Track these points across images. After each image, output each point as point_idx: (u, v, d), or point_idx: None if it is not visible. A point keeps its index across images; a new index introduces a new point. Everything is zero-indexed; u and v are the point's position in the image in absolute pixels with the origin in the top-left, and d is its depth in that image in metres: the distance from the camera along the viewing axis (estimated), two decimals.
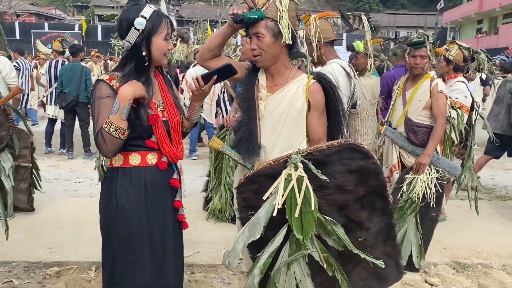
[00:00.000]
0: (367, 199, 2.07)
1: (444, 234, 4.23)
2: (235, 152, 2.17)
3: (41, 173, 5.94)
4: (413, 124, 3.48)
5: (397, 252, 2.23)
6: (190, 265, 3.47)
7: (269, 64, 2.14)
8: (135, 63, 1.95)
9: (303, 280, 2.02)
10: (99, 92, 1.92)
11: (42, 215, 4.45)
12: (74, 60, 7.30)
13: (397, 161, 3.59)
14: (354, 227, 2.08)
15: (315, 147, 1.98)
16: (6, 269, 3.34)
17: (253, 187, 2.01)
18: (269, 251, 1.99)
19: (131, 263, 1.98)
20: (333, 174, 1.97)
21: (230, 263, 1.99)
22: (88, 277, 3.26)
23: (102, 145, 1.85)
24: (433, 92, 3.41)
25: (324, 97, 2.16)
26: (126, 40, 1.94)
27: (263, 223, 1.93)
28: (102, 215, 2.01)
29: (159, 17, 1.95)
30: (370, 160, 2.00)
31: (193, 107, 2.13)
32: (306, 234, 1.92)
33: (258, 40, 2.06)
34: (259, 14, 2.03)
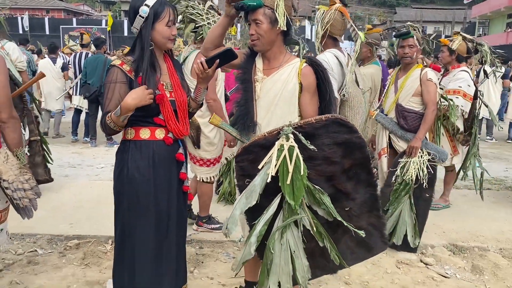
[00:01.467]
0: (352, 171, 2.22)
1: (445, 219, 4.37)
2: (233, 129, 2.39)
3: (66, 159, 6.37)
4: (403, 110, 3.67)
5: (381, 223, 2.38)
6: (199, 241, 3.73)
7: (265, 49, 2.32)
8: (141, 48, 2.19)
9: (297, 251, 2.16)
10: (110, 77, 2.19)
11: (64, 195, 4.78)
12: (98, 52, 7.66)
13: (386, 145, 3.78)
14: (341, 197, 2.23)
15: (305, 120, 2.15)
16: (31, 241, 3.66)
17: (249, 157, 2.19)
18: (265, 218, 2.13)
19: (137, 225, 2.23)
20: (321, 146, 2.12)
21: (229, 230, 2.15)
22: (104, 249, 3.55)
23: (102, 128, 2.21)
24: (422, 80, 3.60)
25: (315, 79, 2.32)
26: (134, 27, 2.20)
27: (259, 190, 2.11)
28: (115, 182, 2.28)
29: (161, 5, 2.18)
30: (355, 134, 2.16)
31: (198, 89, 2.35)
32: (297, 199, 2.08)
33: (256, 26, 2.25)
34: (258, 2, 2.22)
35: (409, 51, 3.64)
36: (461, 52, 4.41)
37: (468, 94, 4.31)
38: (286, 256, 2.14)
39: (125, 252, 2.29)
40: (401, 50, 3.68)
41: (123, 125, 2.15)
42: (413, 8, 49.97)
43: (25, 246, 3.56)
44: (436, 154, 3.61)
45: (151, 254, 2.27)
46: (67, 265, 3.28)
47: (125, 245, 2.28)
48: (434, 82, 3.59)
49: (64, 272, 3.17)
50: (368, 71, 4.57)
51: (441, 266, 3.49)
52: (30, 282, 3.00)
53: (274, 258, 2.13)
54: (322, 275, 2.43)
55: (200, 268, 3.30)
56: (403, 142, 3.68)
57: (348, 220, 2.26)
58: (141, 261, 2.26)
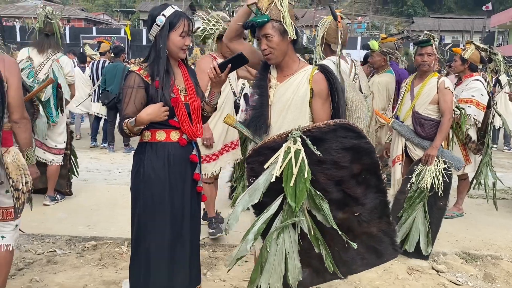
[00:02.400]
0: (362, 176, 2.24)
1: (458, 227, 4.37)
2: (246, 129, 2.46)
3: (84, 164, 6.52)
4: (420, 117, 3.69)
5: (392, 229, 2.40)
6: (212, 244, 3.80)
7: (279, 60, 2.39)
8: (156, 54, 2.31)
9: (291, 252, 2.19)
10: (128, 82, 2.31)
11: (82, 198, 4.91)
12: (116, 60, 7.85)
13: (401, 152, 3.80)
14: (350, 201, 2.26)
15: (313, 125, 2.19)
16: (50, 241, 3.78)
17: (259, 159, 2.24)
18: (264, 217, 2.17)
19: (153, 224, 2.32)
20: (329, 151, 2.15)
21: (229, 225, 2.19)
22: (121, 251, 3.65)
23: (119, 131, 2.33)
24: (440, 88, 3.62)
25: (327, 86, 2.38)
26: (150, 34, 2.32)
27: (262, 189, 2.15)
28: (132, 182, 2.39)
29: (177, 16, 2.30)
30: (363, 140, 2.18)
31: (212, 93, 2.46)
32: (298, 202, 2.10)
33: (267, 40, 2.32)
34: (265, 17, 2.29)
35: (427, 59, 3.66)
36: (474, 61, 4.43)
37: (481, 103, 4.32)
38: (280, 256, 2.18)
39: (140, 251, 2.38)
40: (419, 57, 3.70)
41: (136, 133, 2.29)
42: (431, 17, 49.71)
43: (45, 246, 3.67)
44: (452, 162, 3.63)
45: (166, 253, 2.35)
46: (84, 265, 3.38)
47: (141, 245, 2.37)
48: (451, 91, 3.62)
49: (82, 272, 3.27)
50: (383, 80, 4.61)
51: (452, 274, 3.49)
52: (49, 280, 3.11)
53: (269, 257, 2.17)
54: (332, 279, 2.45)
55: (213, 270, 3.37)
56: (420, 149, 3.69)
57: (358, 225, 2.29)
58: (155, 261, 2.35)
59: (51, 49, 4.44)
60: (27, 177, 2.48)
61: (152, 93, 2.28)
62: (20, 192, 2.42)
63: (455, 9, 59.38)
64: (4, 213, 2.47)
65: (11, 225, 2.52)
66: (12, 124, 2.48)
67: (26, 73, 4.27)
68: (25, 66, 4.30)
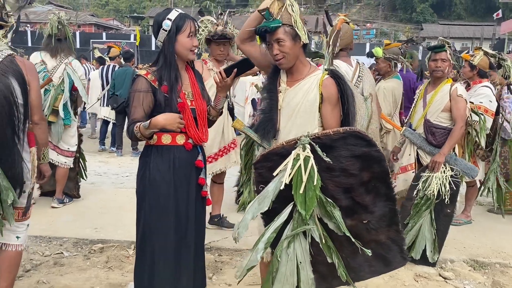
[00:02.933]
0: (371, 184, 2.21)
1: (466, 234, 4.33)
2: (255, 133, 2.47)
3: (92, 168, 6.56)
4: (431, 126, 3.65)
5: (400, 237, 2.36)
6: (218, 249, 3.80)
7: (291, 65, 2.37)
8: (165, 58, 2.33)
9: (303, 262, 2.16)
10: (136, 86, 2.34)
11: (90, 201, 4.93)
12: (126, 65, 7.92)
13: (414, 161, 3.76)
14: (359, 209, 2.23)
15: (323, 132, 2.18)
16: (58, 243, 3.80)
17: (268, 164, 2.23)
18: (274, 226, 2.14)
19: (157, 227, 2.34)
20: (338, 158, 2.13)
21: (239, 234, 2.17)
22: (127, 254, 3.66)
23: (128, 135, 2.35)
24: (452, 95, 3.57)
25: (337, 91, 2.34)
26: (158, 40, 2.34)
27: (271, 196, 2.14)
28: (138, 184, 2.41)
29: (182, 18, 2.33)
30: (373, 148, 2.16)
31: (218, 98, 2.47)
32: (308, 209, 2.08)
33: (279, 45, 2.29)
34: (277, 22, 2.27)
35: (441, 65, 3.63)
36: (483, 67, 4.40)
37: (489, 110, 4.30)
38: (292, 266, 2.15)
39: (145, 254, 2.39)
40: (433, 63, 3.66)
41: (148, 137, 2.30)
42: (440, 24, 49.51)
43: (52, 248, 3.70)
44: (466, 171, 3.58)
45: (170, 256, 2.36)
46: (91, 268, 3.40)
47: (146, 247, 2.38)
48: (464, 98, 3.57)
49: (88, 274, 3.29)
50: (389, 85, 4.61)
51: (460, 281, 3.46)
52: (56, 282, 3.13)
53: (280, 267, 2.14)
54: (338, 285, 2.42)
55: (219, 274, 3.37)
56: (431, 157, 3.63)
57: (367, 233, 2.26)
58: (160, 263, 2.36)
59: (63, 53, 4.50)
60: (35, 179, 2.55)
61: (159, 98, 2.30)
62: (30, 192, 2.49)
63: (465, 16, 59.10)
64: (20, 213, 2.52)
65: (24, 225, 2.57)
66: (33, 125, 2.55)
67: (41, 76, 4.33)
68: (40, 70, 4.37)
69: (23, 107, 2.40)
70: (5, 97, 2.29)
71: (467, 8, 60.23)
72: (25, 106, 2.41)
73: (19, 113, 2.36)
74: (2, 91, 2.29)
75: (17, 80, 2.36)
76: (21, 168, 2.37)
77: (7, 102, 2.29)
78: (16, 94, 2.34)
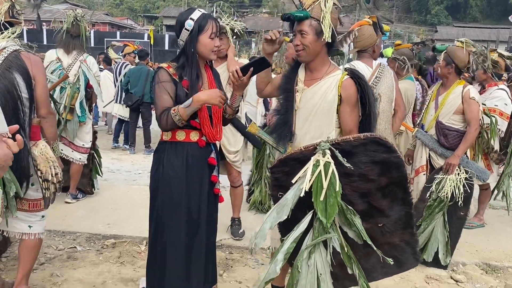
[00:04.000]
0: (388, 189, 2.16)
1: (478, 238, 4.29)
2: (270, 137, 2.47)
3: (106, 165, 6.62)
4: (443, 127, 3.62)
5: (414, 240, 2.34)
6: (229, 246, 3.82)
7: (310, 60, 2.35)
8: (186, 58, 2.35)
9: (323, 274, 2.11)
10: (160, 77, 2.36)
11: (103, 197, 4.99)
12: (140, 64, 7.99)
13: (425, 162, 3.73)
14: (375, 213, 2.20)
15: (343, 138, 2.12)
16: (71, 238, 3.85)
17: (285, 169, 2.20)
18: (294, 236, 2.10)
19: (170, 223, 2.36)
20: (358, 164, 2.09)
21: (256, 244, 2.08)
22: (139, 250, 3.70)
23: (163, 123, 2.29)
24: (464, 98, 3.53)
25: (356, 92, 2.31)
26: (180, 39, 2.36)
27: (291, 205, 2.09)
28: (151, 179, 2.44)
29: (205, 19, 2.34)
30: (394, 154, 2.10)
31: (234, 96, 2.48)
32: (330, 217, 2.04)
33: (302, 37, 2.28)
34: (304, 13, 2.26)
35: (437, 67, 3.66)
36: (497, 70, 4.36)
37: (504, 113, 4.26)
38: (312, 278, 2.10)
39: (157, 249, 2.42)
40: (437, 65, 3.69)
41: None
42: (455, 26, 49.02)
43: (66, 243, 3.75)
44: (477, 174, 3.55)
45: (181, 252, 2.38)
46: (103, 262, 3.44)
47: (157, 243, 2.41)
48: (476, 101, 3.52)
49: (101, 268, 3.33)
50: (401, 86, 4.57)
51: (472, 284, 3.43)
52: (69, 275, 3.17)
53: (300, 280, 2.09)
54: (351, 286, 2.41)
55: (229, 272, 3.39)
56: (443, 160, 3.61)
57: (381, 235, 2.24)
58: (171, 259, 2.38)
59: (76, 50, 4.55)
60: (57, 169, 2.60)
61: (179, 92, 2.32)
62: (50, 183, 2.53)
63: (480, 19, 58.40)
64: (30, 204, 2.60)
65: (37, 215, 2.64)
66: (40, 119, 2.60)
67: (57, 74, 4.40)
68: (56, 68, 4.43)
69: (28, 101, 2.46)
70: (9, 91, 2.36)
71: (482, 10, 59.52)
72: (30, 100, 2.47)
73: (24, 107, 2.42)
74: (6, 86, 2.36)
75: (22, 75, 2.42)
76: (27, 161, 2.44)
77: (11, 97, 2.36)
78: (21, 89, 2.40)
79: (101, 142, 8.64)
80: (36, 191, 2.58)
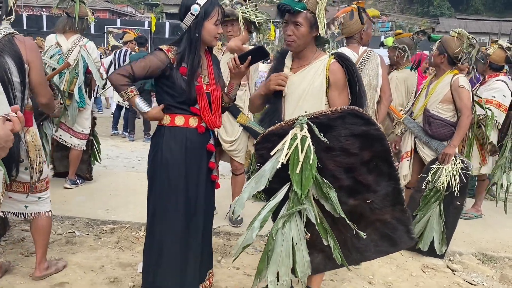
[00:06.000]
0: (373, 163, 2.19)
1: (475, 228, 4.32)
2: (260, 126, 2.47)
3: (105, 151, 6.62)
4: (429, 115, 3.63)
5: (406, 217, 2.35)
6: (227, 233, 3.84)
7: (300, 50, 2.37)
8: (189, 42, 2.33)
9: (299, 243, 2.13)
10: (154, 54, 2.36)
11: (102, 183, 5.00)
12: (141, 50, 7.95)
13: (410, 149, 3.77)
14: (362, 188, 2.23)
15: (320, 111, 2.13)
16: (70, 223, 3.87)
17: (268, 145, 2.22)
18: (270, 205, 2.13)
19: (168, 208, 2.37)
20: (337, 137, 2.11)
21: (235, 212, 2.13)
22: (137, 235, 3.71)
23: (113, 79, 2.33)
24: (454, 86, 3.54)
25: (344, 75, 2.33)
26: (184, 23, 2.34)
27: (268, 176, 2.11)
28: (149, 164, 2.44)
29: (211, 5, 2.32)
30: (373, 126, 2.11)
31: (231, 84, 2.48)
32: (304, 189, 2.06)
33: (295, 28, 2.29)
34: (302, 5, 2.26)
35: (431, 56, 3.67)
36: (495, 61, 4.35)
37: (502, 104, 4.24)
38: (287, 247, 2.13)
39: (154, 233, 2.44)
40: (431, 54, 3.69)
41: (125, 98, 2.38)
42: (457, 18, 48.75)
43: (64, 227, 3.76)
44: None
45: (178, 236, 2.40)
46: (102, 247, 3.46)
47: (155, 227, 2.42)
48: (466, 89, 3.52)
49: (99, 253, 3.35)
50: (401, 75, 4.58)
51: (468, 274, 3.46)
52: (68, 259, 3.18)
53: (276, 247, 2.12)
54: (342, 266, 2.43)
55: (227, 258, 3.41)
56: (427, 148, 3.65)
57: (371, 212, 2.27)
58: (168, 242, 2.40)
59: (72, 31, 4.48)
60: (41, 158, 2.61)
61: (174, 76, 2.32)
62: (34, 171, 2.55)
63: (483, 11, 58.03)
64: (25, 187, 2.64)
65: (33, 196, 2.68)
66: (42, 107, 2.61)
67: (56, 59, 4.37)
68: (55, 52, 4.40)
69: (20, 85, 2.44)
70: None
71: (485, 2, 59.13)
72: (22, 85, 2.45)
73: (15, 91, 2.41)
74: None
75: (13, 59, 2.39)
76: (17, 146, 2.43)
77: (1, 81, 2.33)
78: (12, 73, 2.38)
79: (100, 129, 8.65)
80: (31, 175, 2.59)
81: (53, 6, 5.11)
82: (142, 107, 2.36)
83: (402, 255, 3.65)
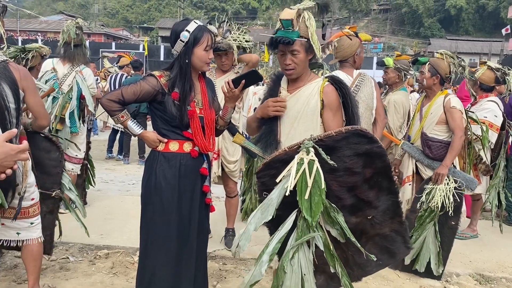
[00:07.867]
0: (374, 179, 2.21)
1: (472, 248, 4.31)
2: (256, 147, 2.48)
3: (99, 175, 6.60)
4: (427, 139, 3.66)
5: (404, 228, 2.36)
6: (222, 257, 3.81)
7: (299, 75, 2.40)
8: (179, 69, 2.36)
9: (307, 274, 2.10)
10: (146, 79, 2.39)
11: (96, 207, 4.97)
12: (136, 74, 8.00)
13: (411, 173, 3.77)
14: (363, 206, 2.24)
15: (325, 133, 2.15)
16: (63, 248, 3.83)
17: (271, 172, 2.21)
18: (278, 236, 2.08)
19: (161, 232, 2.37)
20: (342, 158, 2.12)
21: (240, 247, 2.06)
22: (132, 260, 3.67)
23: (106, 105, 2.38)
24: (446, 107, 3.58)
25: (338, 97, 2.36)
26: (174, 50, 2.37)
27: (275, 205, 2.08)
28: (143, 189, 2.44)
29: (201, 31, 2.35)
30: (375, 144, 2.15)
31: (226, 108, 2.50)
32: (315, 215, 2.03)
33: (293, 56, 2.31)
34: (297, 33, 2.29)
35: (420, 78, 3.73)
36: (485, 82, 4.40)
37: (494, 124, 4.29)
38: (296, 279, 2.08)
39: (147, 258, 2.41)
40: (419, 75, 3.74)
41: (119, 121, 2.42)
42: (448, 39, 49.58)
43: (58, 253, 3.72)
44: (464, 182, 3.57)
45: (172, 260, 2.38)
46: (96, 273, 3.41)
47: (148, 251, 2.41)
48: (458, 109, 3.56)
49: (93, 279, 3.30)
50: (398, 97, 4.61)
51: None
52: (61, 286, 3.15)
53: (285, 281, 2.07)
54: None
55: (223, 283, 3.37)
56: (430, 170, 3.64)
57: (371, 228, 2.27)
58: (161, 267, 2.38)
59: (79, 58, 4.51)
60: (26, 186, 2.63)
61: (166, 101, 2.34)
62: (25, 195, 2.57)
63: (473, 32, 59.13)
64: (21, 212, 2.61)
65: (25, 222, 2.66)
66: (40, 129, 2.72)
67: (51, 84, 4.38)
68: (50, 77, 4.42)
69: (15, 111, 2.46)
70: None
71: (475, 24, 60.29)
72: (17, 111, 2.48)
73: (11, 117, 2.43)
74: None
75: (9, 86, 2.42)
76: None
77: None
78: (8, 99, 2.40)
79: (95, 152, 8.65)
80: (24, 199, 2.58)
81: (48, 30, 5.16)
82: (134, 129, 2.41)
83: (399, 277, 3.63)
